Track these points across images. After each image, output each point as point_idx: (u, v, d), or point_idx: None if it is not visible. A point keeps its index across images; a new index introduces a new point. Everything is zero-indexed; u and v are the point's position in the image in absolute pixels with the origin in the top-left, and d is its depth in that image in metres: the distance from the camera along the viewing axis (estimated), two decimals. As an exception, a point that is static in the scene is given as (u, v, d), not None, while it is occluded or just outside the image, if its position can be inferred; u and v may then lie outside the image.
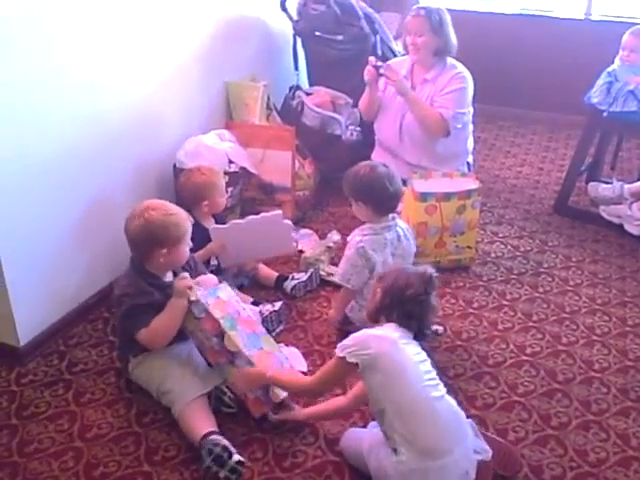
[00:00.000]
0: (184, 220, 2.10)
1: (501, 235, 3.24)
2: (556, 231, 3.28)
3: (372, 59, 3.10)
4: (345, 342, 1.77)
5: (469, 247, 2.91)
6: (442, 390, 1.76)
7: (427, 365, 1.78)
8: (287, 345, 2.33)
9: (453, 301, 2.69)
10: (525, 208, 3.54)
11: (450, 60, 3.10)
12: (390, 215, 2.38)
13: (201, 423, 1.92)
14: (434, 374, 1.78)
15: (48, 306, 2.38)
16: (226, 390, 2.07)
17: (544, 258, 3.03)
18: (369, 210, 2.35)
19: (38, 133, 2.19)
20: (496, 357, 2.36)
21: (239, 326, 2.03)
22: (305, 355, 2.30)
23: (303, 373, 2.15)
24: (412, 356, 1.75)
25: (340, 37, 3.61)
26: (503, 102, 4.77)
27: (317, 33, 3.62)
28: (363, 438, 1.84)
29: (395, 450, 1.67)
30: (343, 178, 2.41)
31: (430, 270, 1.86)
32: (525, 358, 2.35)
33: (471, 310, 2.63)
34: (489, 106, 4.75)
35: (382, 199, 2.34)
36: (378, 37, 3.50)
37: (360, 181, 2.34)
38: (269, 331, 2.27)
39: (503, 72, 4.68)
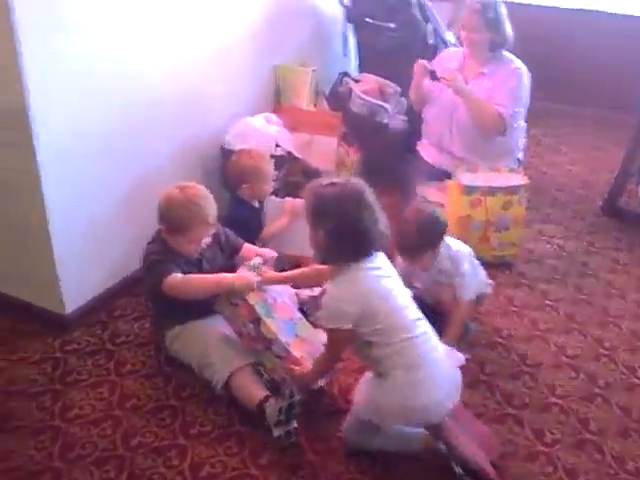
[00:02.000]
0: (197, 220, 2.06)
1: (547, 234, 3.18)
2: (604, 232, 3.21)
3: (424, 63, 3.00)
4: (320, 314, 1.79)
5: (514, 244, 2.86)
6: (408, 297, 1.83)
7: (394, 280, 1.83)
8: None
9: (494, 298, 2.65)
10: (573, 208, 3.47)
11: (506, 54, 3.02)
12: None
13: (255, 387, 1.96)
14: (407, 297, 1.84)
15: (93, 278, 2.43)
16: (263, 373, 2.08)
17: (590, 259, 2.97)
18: None
19: (87, 108, 2.22)
20: (536, 357, 2.32)
21: (275, 313, 2.03)
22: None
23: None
24: (382, 283, 1.77)
25: (392, 24, 3.58)
26: (555, 98, 4.65)
27: (368, 19, 3.59)
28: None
29: (383, 375, 1.76)
30: None
31: (360, 183, 1.77)
32: (565, 360, 2.31)
33: (512, 308, 2.60)
34: (540, 101, 4.63)
35: None
36: (430, 25, 3.45)
37: None
38: (306, 316, 2.28)
39: (556, 67, 4.56)
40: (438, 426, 1.80)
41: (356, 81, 3.58)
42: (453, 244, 2.32)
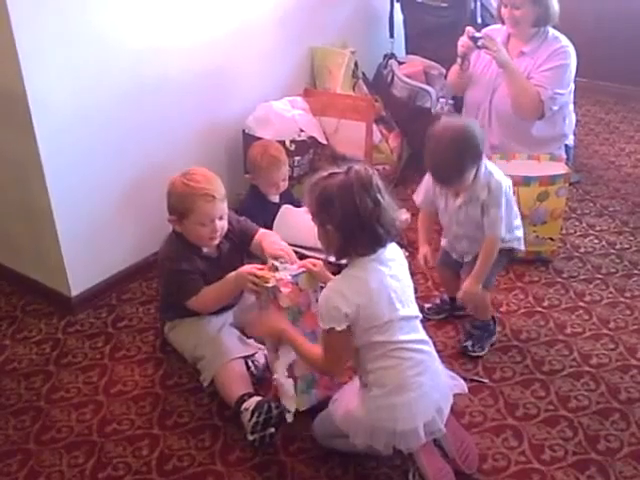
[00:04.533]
0: (196, 197, 1.95)
1: (598, 228, 2.90)
2: (664, 230, 2.89)
3: (470, 29, 2.80)
4: (320, 309, 1.63)
5: (551, 239, 2.62)
6: (414, 315, 1.67)
7: (402, 287, 1.65)
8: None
9: (522, 296, 2.44)
10: (635, 201, 3.14)
11: (552, 31, 2.76)
12: None
13: (238, 383, 1.90)
14: (409, 297, 1.67)
15: (104, 261, 2.44)
16: (251, 365, 2.01)
17: (641, 259, 2.68)
18: None
19: (92, 87, 2.20)
20: (553, 364, 2.11)
21: (302, 320, 1.89)
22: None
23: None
24: (382, 288, 1.60)
25: (444, 4, 3.38)
26: (638, 82, 4.27)
27: (419, -1, 3.41)
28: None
29: (366, 385, 1.64)
30: None
31: (363, 169, 1.59)
32: (587, 369, 2.09)
33: (539, 308, 2.38)
34: (621, 85, 4.29)
35: None
36: (478, 3, 3.21)
37: None
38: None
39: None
40: None
41: (401, 63, 3.42)
42: (495, 171, 2.06)
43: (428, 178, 2.13)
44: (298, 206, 2.61)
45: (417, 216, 2.75)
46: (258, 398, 1.81)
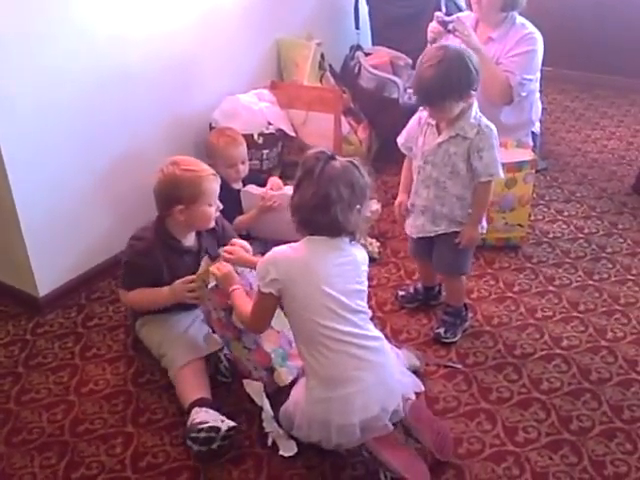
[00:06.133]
0: (202, 179, 1.99)
1: (566, 214, 2.94)
2: (631, 213, 2.94)
3: (439, 14, 2.80)
4: (257, 265, 1.68)
5: (520, 225, 2.65)
6: (360, 310, 1.64)
7: (348, 280, 1.63)
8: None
9: (492, 282, 2.46)
10: (601, 186, 3.19)
11: (520, 19, 2.79)
12: None
13: (191, 389, 1.86)
14: (357, 292, 1.65)
15: (71, 260, 2.40)
16: (223, 359, 2.01)
17: (609, 242, 2.71)
18: None
19: (54, 80, 2.16)
20: (525, 347, 2.13)
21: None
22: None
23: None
24: (322, 271, 1.60)
25: (408, -7, 3.40)
26: (601, 69, 4.33)
27: (383, -11, 3.41)
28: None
29: (307, 376, 1.65)
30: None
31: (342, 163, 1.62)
32: (558, 351, 2.11)
33: (510, 294, 2.40)
34: (585, 73, 4.35)
35: None
36: (443, -8, 3.23)
37: None
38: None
39: (603, 37, 4.23)
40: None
41: (367, 54, 3.42)
42: (485, 118, 2.02)
43: (414, 117, 2.11)
44: (262, 185, 2.54)
45: (388, 208, 2.77)
46: (203, 415, 1.76)
